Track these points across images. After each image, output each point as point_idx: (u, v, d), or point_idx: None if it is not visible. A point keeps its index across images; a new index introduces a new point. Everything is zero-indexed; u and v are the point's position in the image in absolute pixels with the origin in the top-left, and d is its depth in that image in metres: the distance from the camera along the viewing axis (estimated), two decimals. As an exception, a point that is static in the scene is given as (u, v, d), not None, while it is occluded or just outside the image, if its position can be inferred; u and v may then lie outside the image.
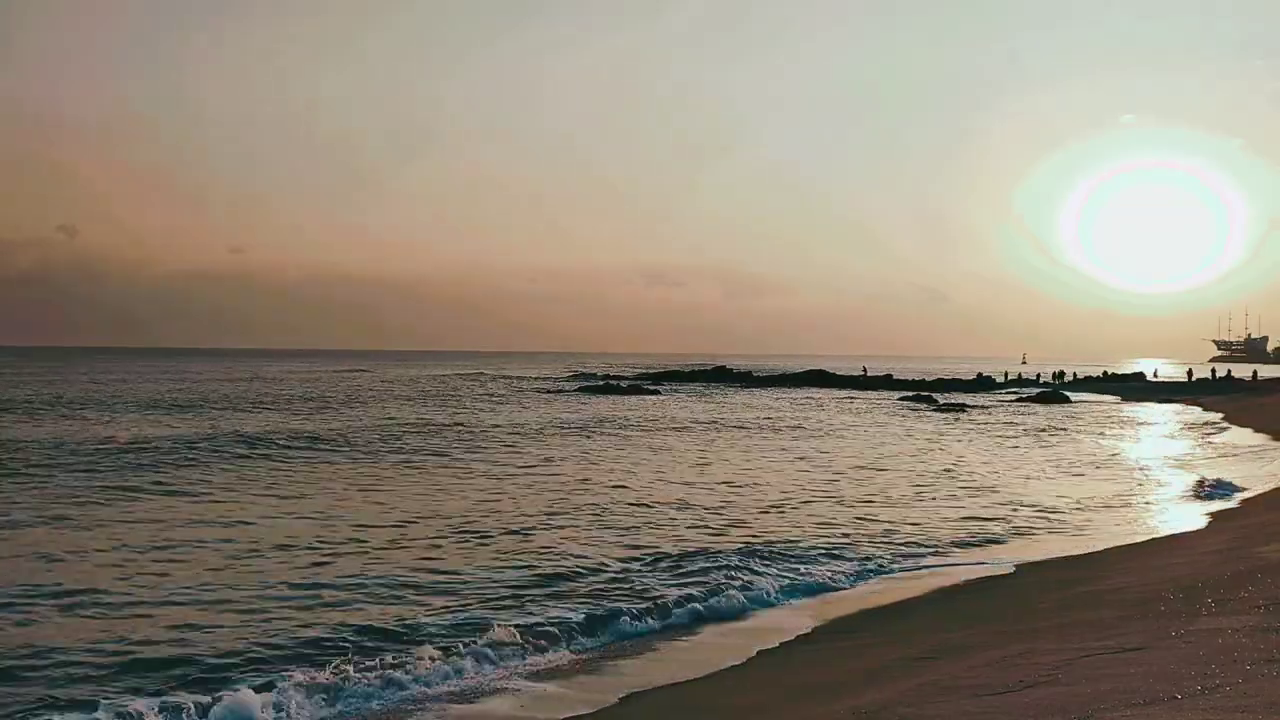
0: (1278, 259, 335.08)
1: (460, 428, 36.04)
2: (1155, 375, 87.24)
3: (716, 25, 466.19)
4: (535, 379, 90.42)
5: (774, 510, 18.07)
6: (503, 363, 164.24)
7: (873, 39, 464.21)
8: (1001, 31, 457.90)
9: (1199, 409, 53.07)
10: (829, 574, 13.06)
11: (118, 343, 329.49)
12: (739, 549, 14.35)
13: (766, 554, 13.97)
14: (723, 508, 18.20)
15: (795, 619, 11.02)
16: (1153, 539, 15.18)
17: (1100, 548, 14.60)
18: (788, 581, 12.49)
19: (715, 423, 40.94)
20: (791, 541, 15.04)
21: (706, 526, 16.25)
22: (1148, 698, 5.45)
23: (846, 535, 15.69)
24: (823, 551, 14.42)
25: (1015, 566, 13.57)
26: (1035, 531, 16.30)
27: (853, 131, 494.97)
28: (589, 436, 33.62)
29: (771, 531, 15.84)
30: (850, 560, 13.94)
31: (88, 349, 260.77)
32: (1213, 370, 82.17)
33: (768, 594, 11.96)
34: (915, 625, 10.31)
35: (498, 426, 36.93)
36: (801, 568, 13.35)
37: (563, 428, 36.75)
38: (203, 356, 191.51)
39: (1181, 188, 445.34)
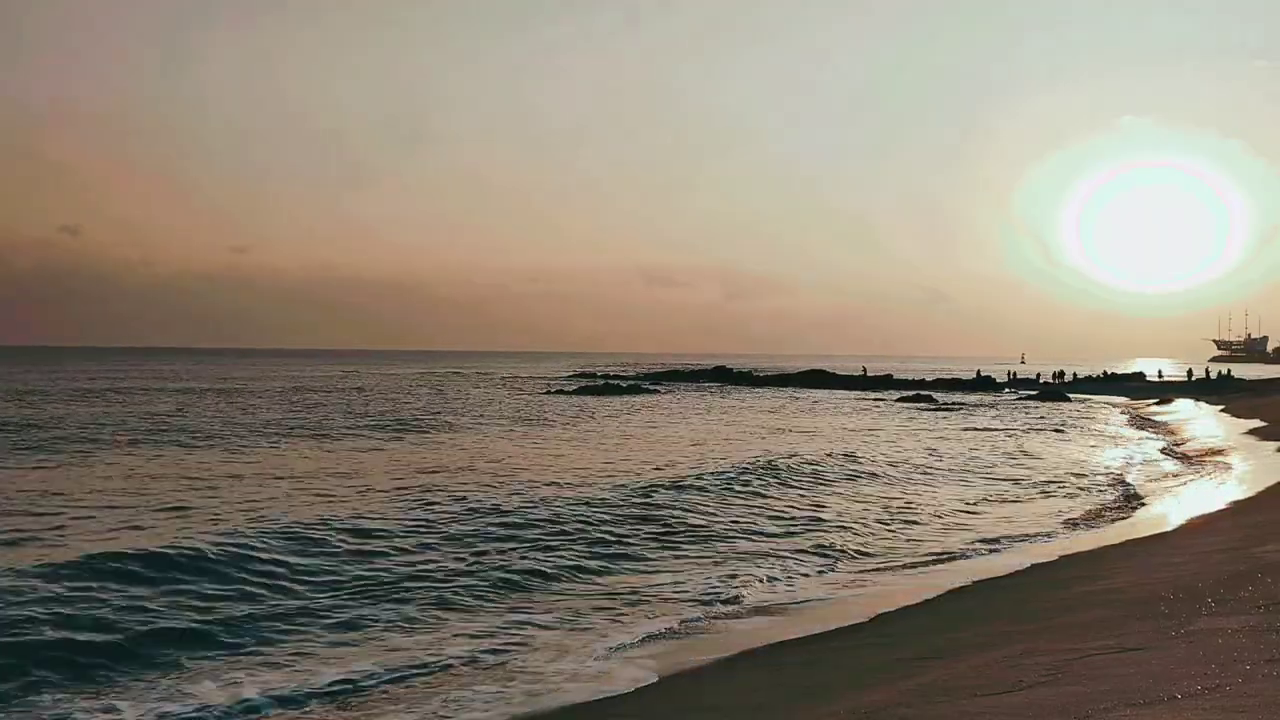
0: (1278, 259, 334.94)
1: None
2: (1160, 375, 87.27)
3: (716, 25, 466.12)
4: (540, 379, 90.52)
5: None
6: (504, 363, 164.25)
7: (873, 39, 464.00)
8: (1001, 31, 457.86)
9: (1189, 406, 53.07)
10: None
11: (121, 343, 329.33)
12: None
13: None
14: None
15: (793, 618, 11.05)
16: (1151, 537, 15.18)
17: (1099, 545, 14.63)
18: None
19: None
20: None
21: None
22: (1148, 698, 5.45)
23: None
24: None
25: (1015, 567, 13.59)
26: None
27: (853, 131, 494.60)
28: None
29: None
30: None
31: (91, 350, 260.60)
32: (1206, 370, 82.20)
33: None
34: (915, 625, 10.31)
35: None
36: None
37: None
38: (214, 357, 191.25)
39: (1181, 188, 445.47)
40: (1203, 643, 6.72)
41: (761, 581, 12.70)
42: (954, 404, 57.85)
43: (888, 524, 17.08)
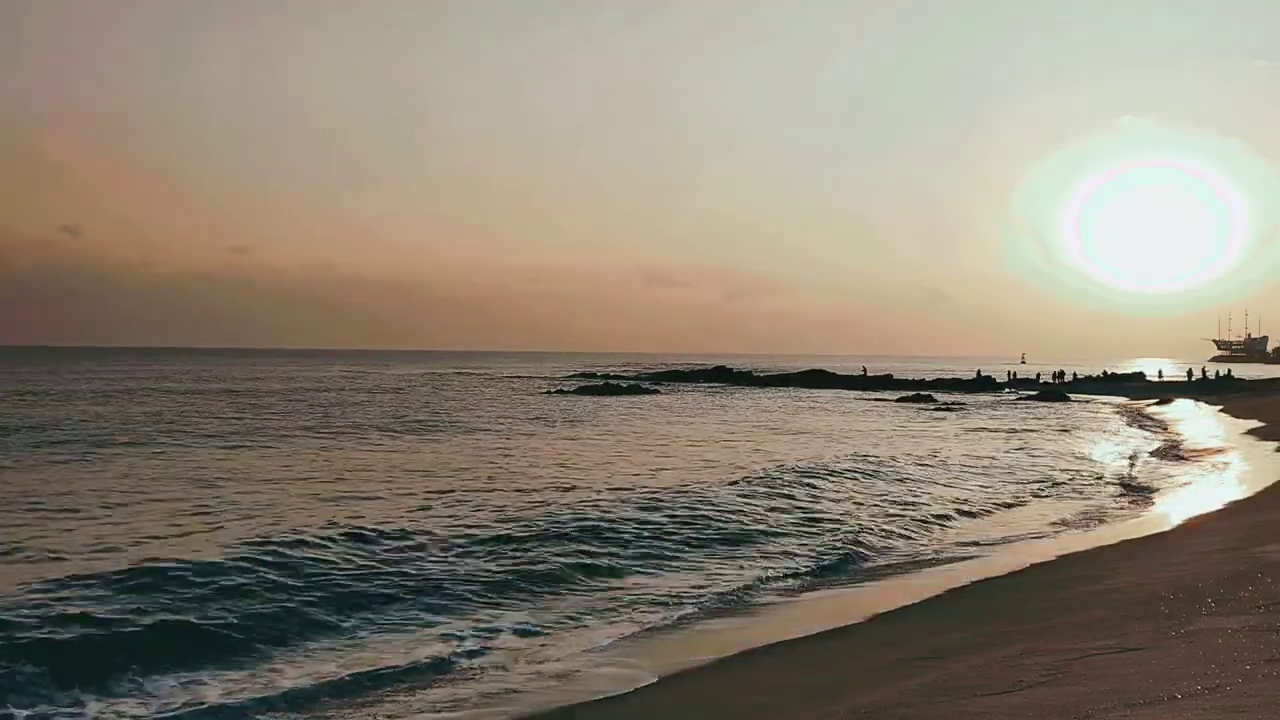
0: (1278, 259, 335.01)
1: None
2: (1160, 375, 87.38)
3: (717, 25, 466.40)
4: (542, 378, 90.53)
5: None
6: (504, 363, 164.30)
7: (873, 39, 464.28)
8: (1001, 31, 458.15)
9: (1191, 406, 53.09)
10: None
11: (121, 342, 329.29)
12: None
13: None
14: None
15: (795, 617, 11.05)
16: (1151, 537, 15.18)
17: (1099, 544, 14.63)
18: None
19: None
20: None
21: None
22: (1148, 698, 5.45)
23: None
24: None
25: (1016, 567, 13.60)
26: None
27: (853, 131, 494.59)
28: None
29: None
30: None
31: (92, 350, 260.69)
32: (1203, 370, 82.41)
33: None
34: (915, 625, 10.31)
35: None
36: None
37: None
38: (214, 358, 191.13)
39: (1181, 188, 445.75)
40: (1203, 643, 6.72)
41: (765, 581, 12.71)
42: (954, 404, 57.86)
43: (890, 524, 17.07)
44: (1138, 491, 21.32)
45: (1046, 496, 20.95)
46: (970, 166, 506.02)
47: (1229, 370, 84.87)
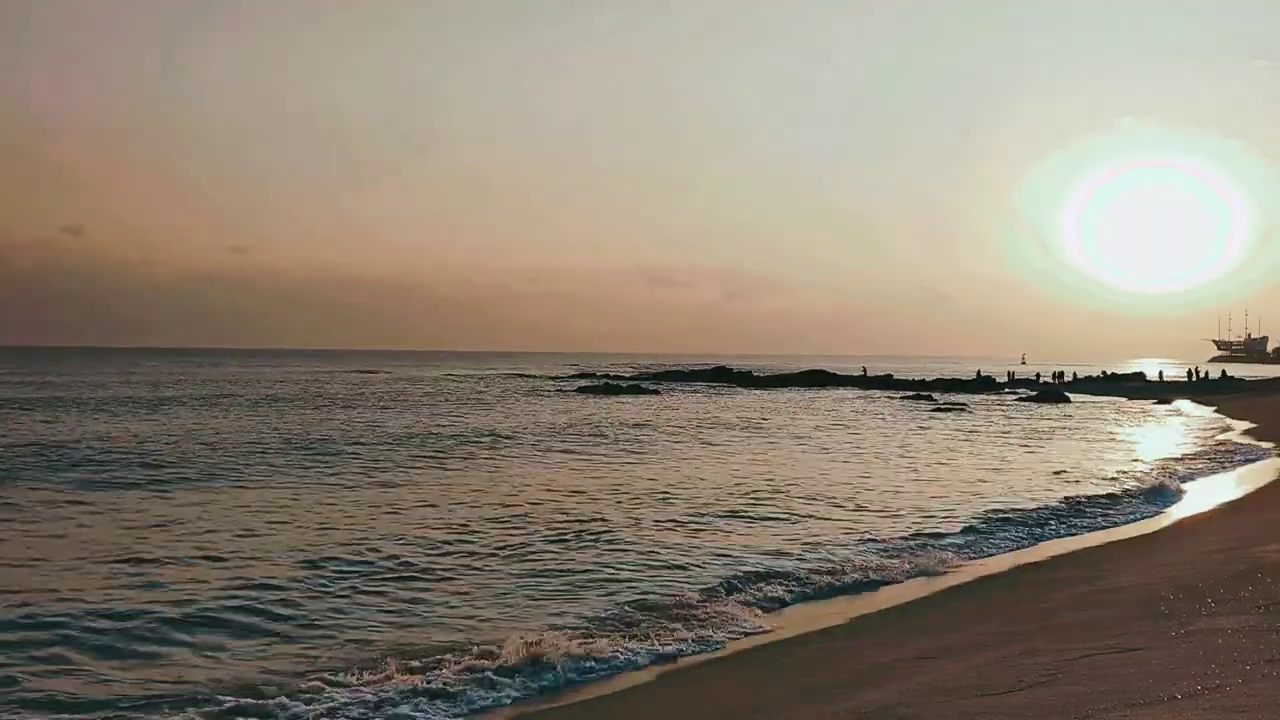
0: (1278, 259, 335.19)
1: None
2: (1160, 376, 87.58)
3: (717, 25, 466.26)
4: (548, 379, 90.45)
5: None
6: (504, 363, 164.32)
7: (873, 39, 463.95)
8: (1001, 31, 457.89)
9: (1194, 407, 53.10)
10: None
11: (121, 343, 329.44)
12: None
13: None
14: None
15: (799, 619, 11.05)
16: (1149, 537, 15.18)
17: (1099, 544, 14.64)
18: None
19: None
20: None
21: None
22: (1148, 698, 5.45)
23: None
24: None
25: (1015, 566, 13.61)
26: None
27: (853, 131, 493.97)
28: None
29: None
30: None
31: (92, 350, 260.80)
32: (1196, 370, 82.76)
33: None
34: (915, 625, 10.31)
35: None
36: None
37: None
38: (215, 358, 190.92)
39: (1181, 188, 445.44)
40: (1203, 643, 6.72)
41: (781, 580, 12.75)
42: (954, 404, 57.75)
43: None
44: (1135, 492, 21.29)
45: (1044, 497, 20.92)
46: (970, 166, 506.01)
47: (1223, 371, 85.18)
